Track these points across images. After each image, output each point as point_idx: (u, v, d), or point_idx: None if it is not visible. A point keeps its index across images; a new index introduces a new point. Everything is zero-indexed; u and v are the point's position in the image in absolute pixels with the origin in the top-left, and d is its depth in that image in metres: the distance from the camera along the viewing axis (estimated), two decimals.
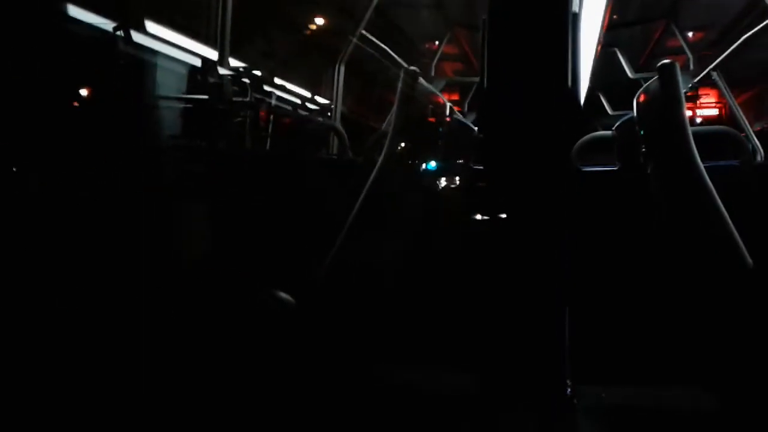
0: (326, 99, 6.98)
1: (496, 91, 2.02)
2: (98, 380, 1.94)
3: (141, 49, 3.83)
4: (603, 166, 3.35)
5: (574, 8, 1.90)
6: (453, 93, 9.91)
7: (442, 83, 9.25)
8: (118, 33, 3.38)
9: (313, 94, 7.49)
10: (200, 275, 2.47)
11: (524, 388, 1.98)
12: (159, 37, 4.33)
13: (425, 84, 4.02)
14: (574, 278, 2.06)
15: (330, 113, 5.93)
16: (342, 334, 2.40)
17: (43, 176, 2.35)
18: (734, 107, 5.17)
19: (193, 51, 4.58)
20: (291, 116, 5.50)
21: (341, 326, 2.43)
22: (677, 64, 2.51)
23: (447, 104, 4.98)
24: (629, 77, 8.40)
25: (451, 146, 4.42)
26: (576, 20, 1.90)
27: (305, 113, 6.07)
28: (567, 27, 1.88)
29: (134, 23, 3.71)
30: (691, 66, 8.12)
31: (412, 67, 3.16)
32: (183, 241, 2.59)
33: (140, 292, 2.23)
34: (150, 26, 4.21)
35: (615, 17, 7.67)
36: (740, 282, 2.19)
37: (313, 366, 2.22)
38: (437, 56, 9.40)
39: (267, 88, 5.11)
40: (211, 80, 3.58)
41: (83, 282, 2.18)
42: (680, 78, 2.48)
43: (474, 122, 6.47)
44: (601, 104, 8.94)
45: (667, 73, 2.50)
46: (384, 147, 2.91)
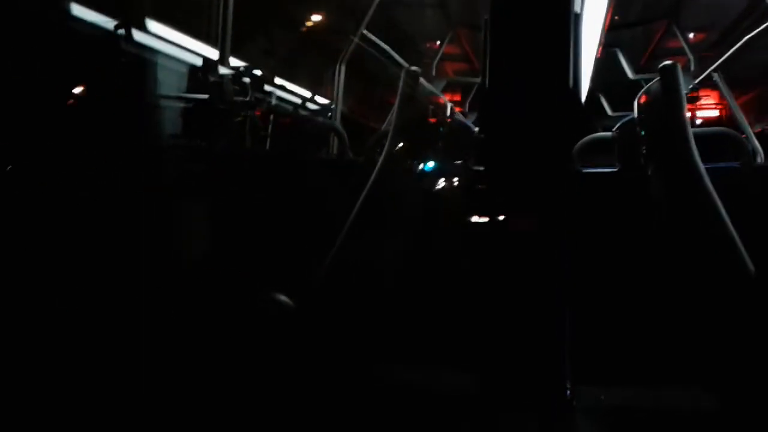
0: (327, 99, 6.98)
1: (497, 92, 2.03)
2: (97, 381, 1.94)
3: (142, 48, 3.83)
4: (603, 168, 3.35)
5: (576, 9, 1.91)
6: (454, 93, 9.91)
7: (443, 83, 9.25)
8: (120, 31, 3.38)
9: (314, 94, 7.49)
10: (200, 275, 2.47)
11: (524, 389, 1.98)
12: (160, 36, 4.33)
13: (426, 84, 4.02)
14: (574, 279, 2.06)
15: (330, 113, 5.93)
16: (342, 334, 2.40)
17: (43, 176, 2.35)
18: (735, 109, 5.16)
19: (194, 50, 4.57)
20: (291, 116, 5.50)
21: (341, 326, 2.43)
22: (679, 66, 2.51)
23: (448, 104, 4.98)
24: (630, 78, 8.39)
25: (452, 146, 4.42)
26: (578, 21, 1.90)
27: (305, 113, 6.07)
28: (569, 27, 1.88)
29: (135, 22, 3.71)
30: (692, 67, 8.11)
31: (413, 67, 3.16)
32: (182, 241, 2.59)
33: (139, 293, 2.23)
34: (151, 25, 4.20)
35: (616, 18, 7.66)
36: (740, 283, 2.19)
37: (313, 366, 2.22)
38: (438, 56, 9.40)
39: (267, 88, 5.12)
40: (212, 79, 3.58)
41: (82, 282, 2.18)
42: (682, 79, 2.48)
43: (475, 122, 6.48)
44: (602, 105, 8.94)
45: (669, 75, 2.50)
46: (384, 147, 2.91)
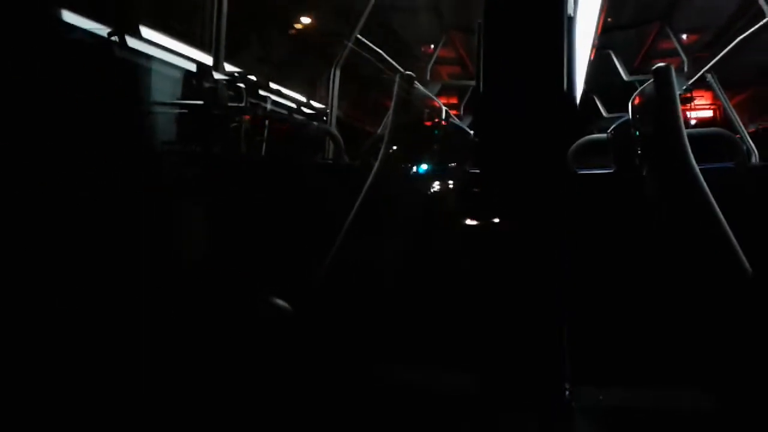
0: (322, 104, 6.98)
1: (492, 95, 2.04)
2: (96, 382, 1.93)
3: (136, 54, 3.83)
4: (599, 169, 3.36)
5: (569, 11, 1.92)
6: (450, 97, 9.93)
7: (438, 87, 9.27)
8: (113, 38, 3.37)
9: (309, 99, 7.49)
10: (197, 280, 2.47)
11: (524, 389, 1.98)
12: (154, 42, 4.33)
13: (421, 88, 4.03)
14: (573, 280, 2.06)
15: (325, 118, 5.93)
16: (342, 335, 2.40)
17: (36, 181, 2.34)
18: (729, 109, 5.18)
19: (188, 56, 4.57)
20: (286, 121, 5.49)
21: (341, 326, 2.43)
22: (672, 67, 2.52)
23: (443, 108, 4.99)
24: (624, 80, 8.42)
25: (447, 150, 4.43)
26: (571, 23, 1.91)
27: (301, 118, 6.06)
28: (562, 30, 1.89)
29: (129, 28, 3.71)
30: (686, 68, 8.15)
31: (408, 72, 3.17)
32: (178, 247, 2.58)
33: (138, 296, 2.22)
34: (145, 32, 4.20)
35: (609, 20, 7.70)
36: (737, 283, 2.19)
37: (314, 366, 2.22)
38: (433, 60, 9.41)
39: (262, 93, 5.11)
40: (206, 85, 3.58)
41: (80, 284, 2.18)
42: (675, 80, 2.49)
43: (470, 125, 6.49)
44: (596, 107, 8.97)
45: (663, 76, 2.51)
46: (380, 151, 2.91)
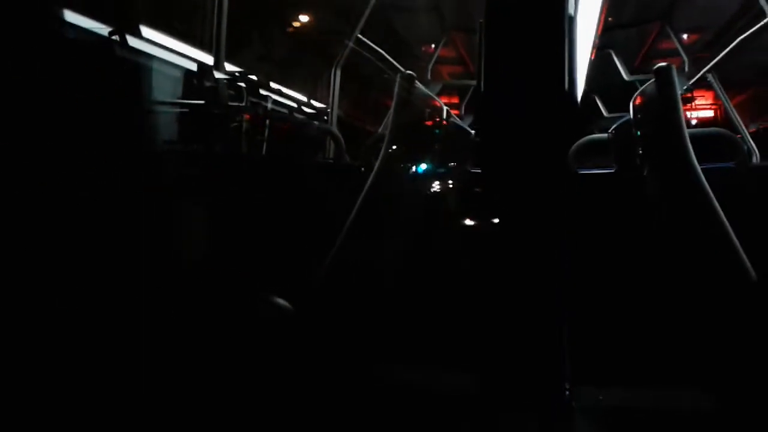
0: (322, 103, 6.99)
1: (493, 94, 2.03)
2: (95, 382, 1.93)
3: (136, 53, 3.83)
4: (600, 169, 3.36)
5: (570, 11, 1.92)
6: (451, 96, 9.93)
7: (439, 86, 9.27)
8: (114, 37, 3.37)
9: (310, 98, 7.49)
10: (197, 280, 2.46)
11: (524, 389, 1.98)
12: (154, 42, 4.33)
13: (422, 88, 4.03)
14: (573, 280, 2.06)
15: (326, 117, 5.93)
16: (342, 335, 2.40)
17: (35, 181, 2.34)
18: (730, 109, 5.18)
19: (189, 55, 4.57)
20: (287, 120, 5.49)
21: (341, 326, 2.43)
22: (674, 67, 2.51)
23: (444, 107, 4.98)
24: (625, 79, 8.41)
25: (448, 149, 4.42)
26: (572, 23, 1.91)
27: (301, 117, 6.06)
28: (563, 30, 1.89)
29: (130, 28, 3.71)
30: (686, 68, 8.15)
31: (409, 71, 3.16)
32: (178, 246, 2.58)
33: (137, 296, 2.22)
34: (145, 31, 4.20)
35: (610, 19, 7.69)
36: (737, 283, 2.19)
37: (314, 366, 2.22)
38: (433, 59, 9.41)
39: (263, 92, 5.11)
40: (207, 84, 3.58)
41: (80, 283, 2.18)
42: (676, 80, 2.48)
43: (471, 125, 6.48)
44: (597, 106, 8.96)
45: (664, 76, 2.50)
46: (381, 151, 2.91)
